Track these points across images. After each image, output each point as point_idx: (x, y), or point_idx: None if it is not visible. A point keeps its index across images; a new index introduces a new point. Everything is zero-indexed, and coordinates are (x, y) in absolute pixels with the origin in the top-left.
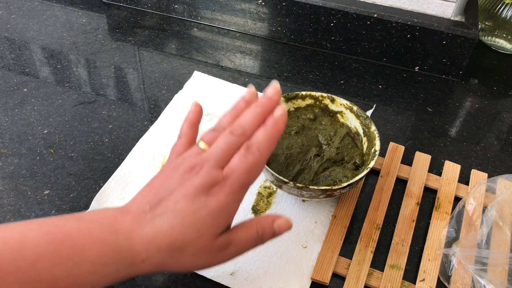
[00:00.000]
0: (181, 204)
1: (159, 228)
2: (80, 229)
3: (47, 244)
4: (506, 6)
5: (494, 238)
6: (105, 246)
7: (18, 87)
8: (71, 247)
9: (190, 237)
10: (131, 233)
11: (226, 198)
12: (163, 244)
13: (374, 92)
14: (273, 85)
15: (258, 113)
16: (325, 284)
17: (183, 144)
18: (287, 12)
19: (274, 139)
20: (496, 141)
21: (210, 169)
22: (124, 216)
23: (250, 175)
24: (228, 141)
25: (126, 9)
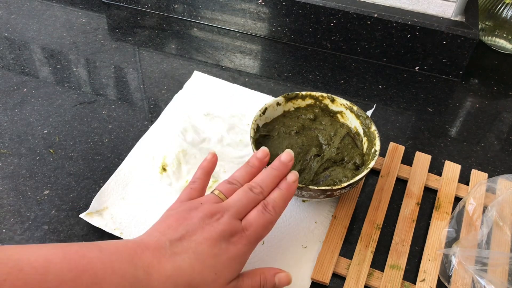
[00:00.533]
0: (203, 247)
1: (179, 266)
2: (101, 260)
3: (69, 271)
4: (506, 6)
5: (494, 238)
6: (124, 278)
7: (18, 87)
8: (92, 276)
9: (208, 278)
10: (151, 267)
11: (244, 247)
12: (181, 281)
13: (374, 92)
14: (287, 151)
15: (274, 176)
16: (325, 284)
17: (196, 189)
18: (287, 12)
19: (287, 201)
20: (496, 141)
21: (231, 219)
22: (144, 250)
23: (264, 230)
24: (248, 196)
25: (126, 9)
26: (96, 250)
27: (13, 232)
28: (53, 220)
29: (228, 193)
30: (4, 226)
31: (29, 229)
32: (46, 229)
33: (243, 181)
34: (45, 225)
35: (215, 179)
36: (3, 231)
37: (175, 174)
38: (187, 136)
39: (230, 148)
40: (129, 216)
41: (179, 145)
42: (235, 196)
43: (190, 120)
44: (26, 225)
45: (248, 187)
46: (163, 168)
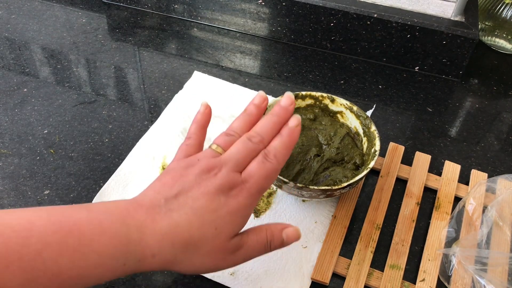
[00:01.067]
0: (201, 202)
1: (176, 223)
2: (89, 220)
3: (54, 232)
4: (506, 6)
5: (494, 238)
6: (114, 238)
7: (18, 87)
8: (78, 237)
9: (208, 234)
10: (144, 226)
11: (245, 200)
12: (178, 239)
13: (374, 92)
14: (287, 95)
15: (274, 122)
16: (325, 284)
17: (192, 145)
18: (287, 12)
19: (289, 148)
20: (496, 141)
21: (229, 172)
22: (137, 209)
23: (267, 181)
24: (246, 147)
25: (126, 9)
26: (84, 210)
27: None
28: None
29: (226, 146)
30: None
31: None
32: None
33: (241, 132)
34: None
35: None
36: None
37: None
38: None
39: None
40: None
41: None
42: (233, 148)
43: (190, 120)
44: None
45: (247, 137)
46: (163, 168)
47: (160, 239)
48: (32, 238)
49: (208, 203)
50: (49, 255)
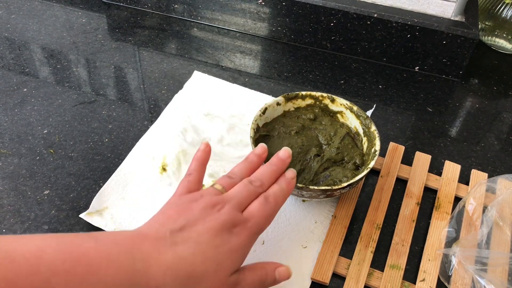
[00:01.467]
0: (205, 237)
1: (180, 256)
2: (97, 250)
3: (63, 261)
4: (506, 6)
5: (494, 238)
6: (121, 269)
7: (18, 87)
8: (87, 266)
9: (209, 269)
10: (149, 258)
11: (245, 239)
12: (182, 272)
13: (374, 92)
14: (284, 149)
15: (272, 171)
16: (325, 284)
17: (194, 181)
18: (287, 12)
19: (286, 196)
20: (496, 141)
21: (232, 210)
22: (142, 240)
23: (266, 221)
24: (248, 189)
25: (126, 9)
26: (92, 240)
27: (13, 232)
28: (53, 220)
29: (228, 187)
30: (4, 226)
31: (29, 229)
32: (46, 229)
33: (242, 176)
34: (45, 225)
35: (214, 179)
36: (3, 231)
37: (175, 174)
38: (187, 136)
39: (230, 148)
40: (129, 216)
41: (179, 145)
42: (235, 188)
43: (190, 120)
44: (26, 225)
45: (248, 181)
46: (163, 168)
47: (164, 271)
48: (42, 266)
49: (212, 239)
50: (58, 283)
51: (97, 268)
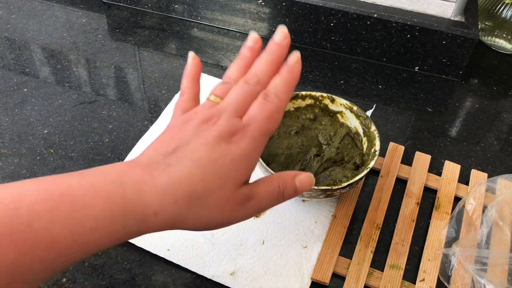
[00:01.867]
0: (201, 153)
1: (176, 177)
2: (81, 184)
3: (44, 201)
4: (506, 6)
5: (494, 238)
6: (109, 199)
7: (18, 87)
8: (70, 202)
9: (212, 185)
10: (142, 184)
11: (248, 145)
12: (181, 193)
13: (374, 92)
14: (280, 29)
15: (271, 60)
16: (325, 284)
17: (188, 100)
18: (287, 12)
19: (291, 86)
20: (496, 141)
21: (228, 119)
22: (133, 168)
23: (271, 122)
24: (244, 90)
25: (126, 9)
26: (76, 175)
27: None
28: None
29: (223, 94)
30: None
31: None
32: None
33: (237, 77)
34: None
35: None
36: None
37: None
38: None
39: None
40: None
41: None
42: (230, 94)
43: None
44: None
45: (243, 81)
46: None
47: (160, 196)
48: (21, 209)
49: (208, 153)
50: (41, 224)
51: (82, 202)
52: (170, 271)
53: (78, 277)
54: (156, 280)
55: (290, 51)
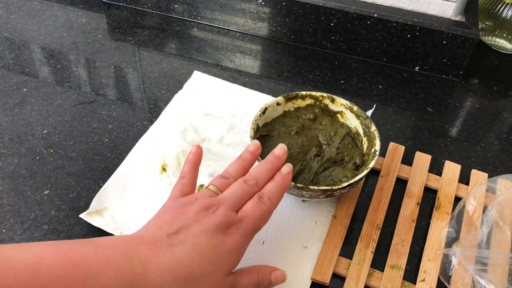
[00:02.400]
0: (201, 239)
1: (177, 258)
2: (95, 254)
3: (62, 267)
4: (506, 6)
5: (494, 238)
6: (119, 272)
7: (18, 87)
8: (86, 271)
9: (207, 270)
10: (147, 260)
11: (241, 239)
12: (179, 274)
13: (374, 92)
14: (280, 146)
15: (268, 168)
16: (325, 284)
17: (187, 184)
18: (287, 12)
19: (282, 192)
20: (496, 141)
21: (227, 210)
22: (139, 244)
23: (261, 221)
24: (242, 188)
25: (126, 9)
26: (90, 245)
27: (13, 232)
28: (53, 220)
29: (222, 188)
30: (4, 226)
31: (29, 229)
32: (46, 229)
33: (236, 175)
34: (45, 225)
35: None
36: (3, 231)
37: (175, 174)
38: (187, 136)
39: (230, 148)
40: (129, 216)
41: (179, 145)
42: (230, 189)
43: (190, 120)
44: (26, 225)
45: (243, 180)
46: (163, 168)
47: (162, 273)
48: (41, 272)
49: (207, 240)
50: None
51: (96, 272)
52: None
53: None
54: None
55: (290, 51)
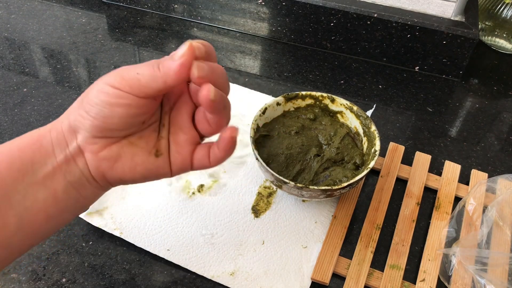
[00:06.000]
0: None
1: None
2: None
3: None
4: (506, 6)
5: (494, 238)
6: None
7: (18, 87)
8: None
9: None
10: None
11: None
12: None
13: (374, 92)
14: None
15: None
16: (325, 284)
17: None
18: (287, 12)
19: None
20: (496, 141)
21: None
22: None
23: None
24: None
25: (126, 9)
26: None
27: None
28: None
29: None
30: None
31: None
32: None
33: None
34: None
35: (215, 179)
36: None
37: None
38: None
39: None
40: (129, 216)
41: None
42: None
43: None
44: None
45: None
46: None
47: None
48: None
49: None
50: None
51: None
52: (170, 271)
53: (78, 277)
54: (156, 280)
55: (290, 51)
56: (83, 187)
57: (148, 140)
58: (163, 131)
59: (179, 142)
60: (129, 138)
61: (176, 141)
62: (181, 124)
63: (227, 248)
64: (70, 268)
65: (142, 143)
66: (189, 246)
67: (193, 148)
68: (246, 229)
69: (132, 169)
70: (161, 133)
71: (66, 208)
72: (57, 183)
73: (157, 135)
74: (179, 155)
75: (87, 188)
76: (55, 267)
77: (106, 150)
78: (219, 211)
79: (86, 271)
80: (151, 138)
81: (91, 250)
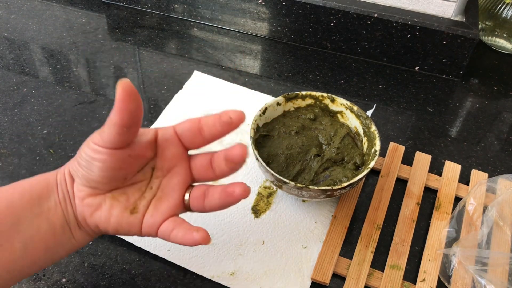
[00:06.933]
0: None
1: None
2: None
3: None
4: (506, 6)
5: (494, 238)
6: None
7: (18, 87)
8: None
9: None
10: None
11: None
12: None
13: (374, 92)
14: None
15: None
16: (325, 284)
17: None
18: (287, 12)
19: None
20: (496, 141)
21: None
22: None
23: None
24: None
25: (126, 9)
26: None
27: None
28: None
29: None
30: None
31: None
32: None
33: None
34: None
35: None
36: None
37: None
38: None
39: None
40: None
41: None
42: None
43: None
44: None
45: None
46: None
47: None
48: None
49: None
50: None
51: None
52: (170, 271)
53: (78, 277)
54: (156, 281)
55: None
56: (75, 229)
57: (129, 197)
58: (148, 193)
59: (159, 209)
60: (113, 192)
61: (157, 206)
62: (169, 193)
63: (227, 248)
64: (70, 268)
65: (123, 199)
66: (189, 246)
67: (167, 218)
68: (246, 229)
69: (106, 220)
70: (145, 193)
71: (61, 243)
72: (56, 218)
73: (141, 194)
74: (151, 218)
75: (77, 230)
76: (55, 267)
77: (90, 198)
78: (219, 211)
79: (86, 271)
80: (133, 196)
81: (91, 250)
